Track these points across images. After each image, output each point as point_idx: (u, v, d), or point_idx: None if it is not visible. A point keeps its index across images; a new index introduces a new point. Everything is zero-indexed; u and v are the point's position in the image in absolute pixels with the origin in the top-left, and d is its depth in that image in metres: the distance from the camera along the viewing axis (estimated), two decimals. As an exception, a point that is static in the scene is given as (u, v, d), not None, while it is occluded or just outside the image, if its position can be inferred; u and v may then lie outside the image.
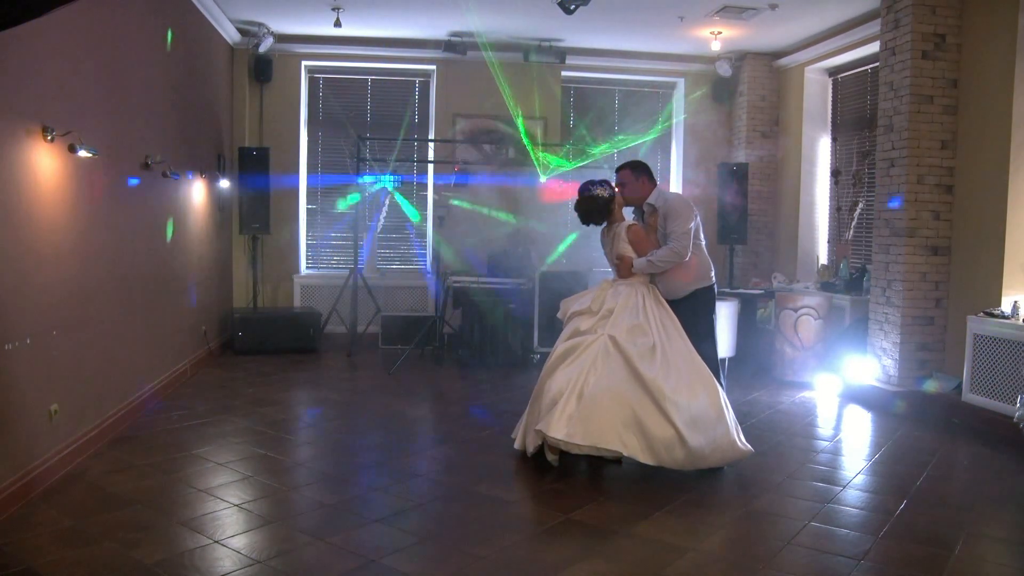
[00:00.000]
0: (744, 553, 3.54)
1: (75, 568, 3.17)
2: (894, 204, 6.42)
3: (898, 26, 6.39)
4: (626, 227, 4.79)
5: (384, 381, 7.07)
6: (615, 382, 4.32)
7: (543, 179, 8.48)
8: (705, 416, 4.33)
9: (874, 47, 7.13)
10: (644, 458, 4.26)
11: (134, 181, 5.42)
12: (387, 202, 8.84)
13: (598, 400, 4.29)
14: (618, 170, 5.02)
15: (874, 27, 7.02)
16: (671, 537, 3.73)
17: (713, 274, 4.94)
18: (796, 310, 7.27)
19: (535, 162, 8.33)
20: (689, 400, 4.32)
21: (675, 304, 4.73)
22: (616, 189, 4.87)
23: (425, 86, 9.23)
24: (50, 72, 4.10)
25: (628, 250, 4.73)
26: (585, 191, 4.80)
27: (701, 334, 4.73)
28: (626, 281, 4.71)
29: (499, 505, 4.05)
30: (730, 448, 4.43)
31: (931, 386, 6.24)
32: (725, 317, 6.67)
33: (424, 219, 9.22)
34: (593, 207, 4.79)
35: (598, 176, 5.14)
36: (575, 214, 4.94)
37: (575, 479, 4.41)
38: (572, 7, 6.48)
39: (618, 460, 4.44)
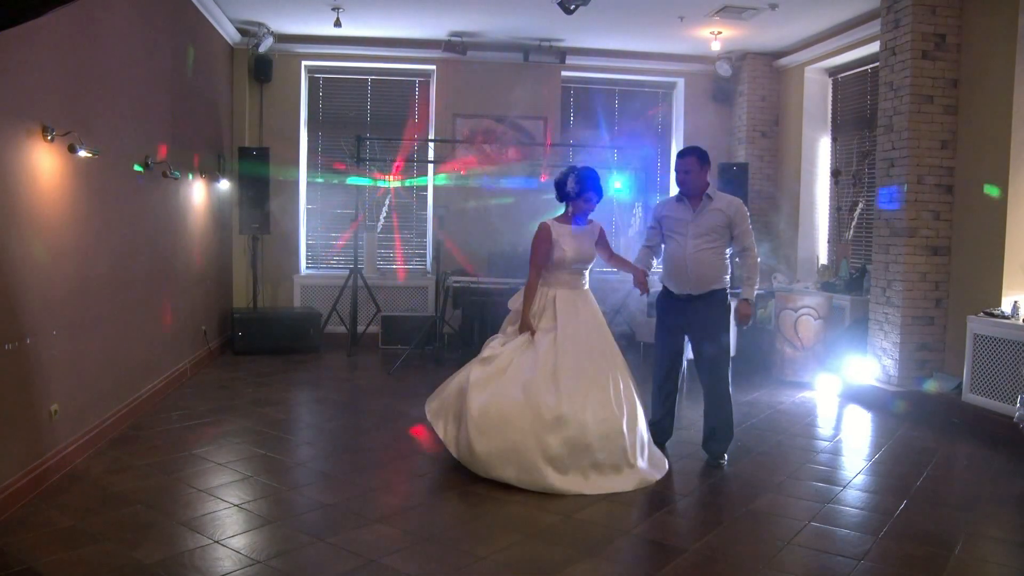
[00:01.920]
0: (744, 553, 3.54)
1: (75, 568, 3.17)
2: (888, 202, 6.43)
3: (898, 26, 6.39)
4: (549, 225, 4.62)
5: (384, 381, 7.07)
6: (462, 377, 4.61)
7: (543, 179, 8.48)
8: (489, 425, 4.30)
9: (874, 47, 7.13)
10: (450, 447, 4.47)
11: (134, 181, 5.42)
12: (388, 202, 8.83)
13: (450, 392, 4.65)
14: (683, 155, 4.82)
15: (874, 27, 7.02)
16: (671, 537, 3.74)
17: (728, 278, 4.92)
18: (796, 310, 7.27)
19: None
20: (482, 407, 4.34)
21: (696, 299, 4.75)
22: (573, 184, 4.59)
23: (425, 86, 9.23)
24: (50, 72, 4.10)
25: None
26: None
27: (718, 332, 4.78)
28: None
29: (499, 505, 4.04)
30: (534, 469, 4.22)
31: (931, 386, 6.24)
32: (725, 317, 6.68)
33: (424, 219, 9.23)
34: (557, 183, 4.70)
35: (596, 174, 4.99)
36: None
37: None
38: (572, 7, 6.48)
39: None
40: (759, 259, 4.85)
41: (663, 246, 4.97)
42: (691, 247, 4.73)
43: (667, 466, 4.60)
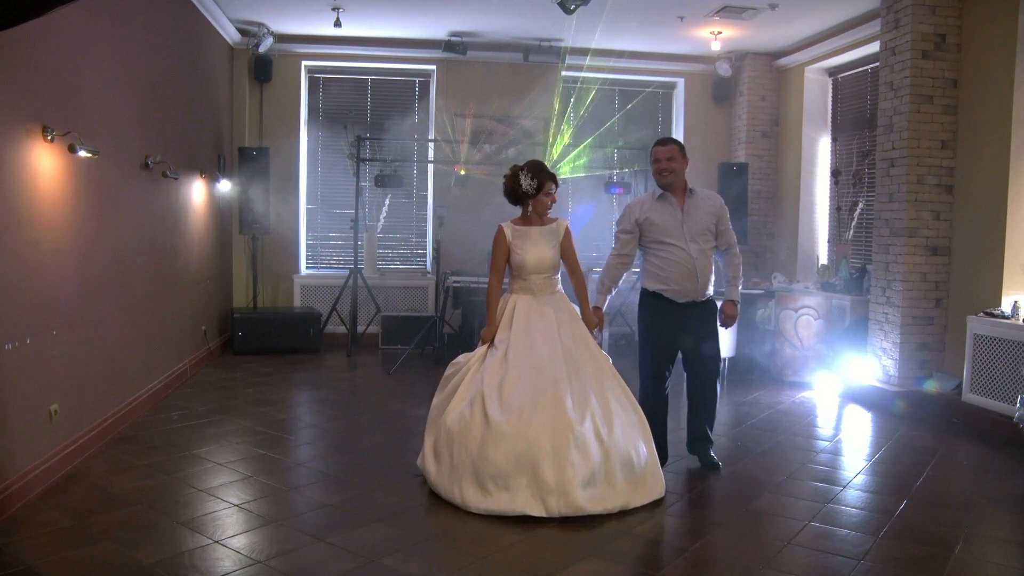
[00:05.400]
0: (744, 553, 3.54)
1: (75, 568, 3.17)
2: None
3: (898, 26, 6.39)
4: (503, 227, 4.36)
5: (384, 381, 7.07)
6: None
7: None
8: (436, 442, 4.17)
9: (874, 47, 7.13)
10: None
11: (134, 181, 5.42)
12: (387, 202, 8.83)
13: None
14: (665, 143, 4.52)
15: (874, 27, 7.02)
16: (671, 537, 3.74)
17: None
18: (796, 310, 7.27)
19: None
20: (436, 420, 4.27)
21: (698, 305, 4.51)
22: (532, 182, 4.26)
23: (425, 86, 9.23)
24: (50, 72, 4.10)
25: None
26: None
27: (715, 334, 4.63)
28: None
29: (499, 505, 4.04)
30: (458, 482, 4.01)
31: (931, 386, 6.24)
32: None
33: (424, 219, 9.24)
34: (509, 187, 4.35)
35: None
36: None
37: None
38: (572, 7, 6.47)
39: None
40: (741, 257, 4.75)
41: (652, 253, 4.53)
42: (695, 251, 4.42)
43: (650, 497, 4.02)
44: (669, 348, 4.59)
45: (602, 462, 3.89)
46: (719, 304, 4.68)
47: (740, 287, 4.69)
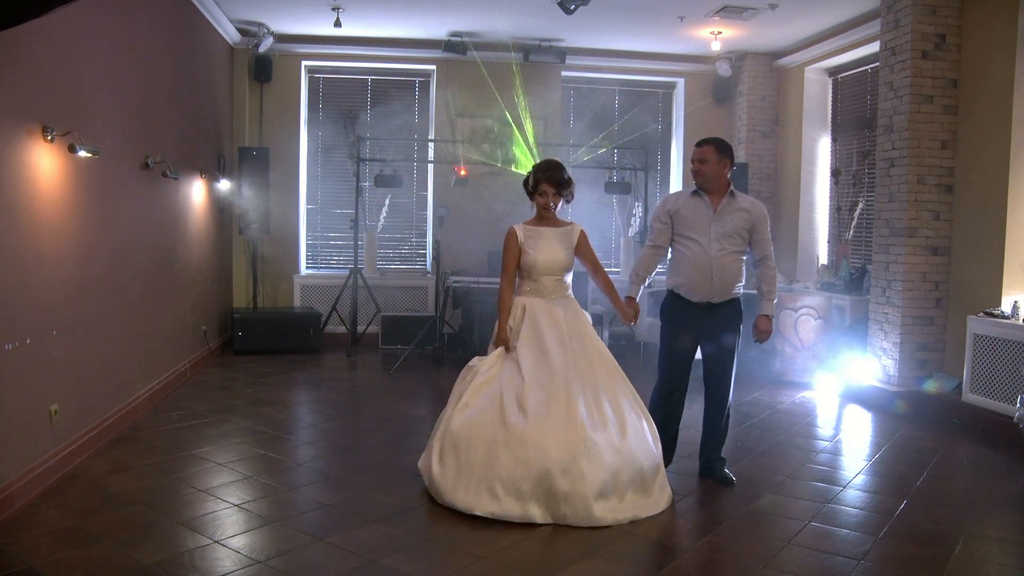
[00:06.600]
0: (744, 553, 3.54)
1: (75, 568, 3.17)
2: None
3: (898, 26, 6.39)
4: (515, 229, 4.29)
5: (384, 381, 7.07)
6: None
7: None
8: (447, 448, 4.03)
9: (874, 47, 7.13)
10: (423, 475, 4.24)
11: (134, 181, 5.42)
12: (387, 202, 8.83)
13: None
14: (700, 144, 4.46)
15: (874, 27, 7.02)
16: (671, 537, 3.74)
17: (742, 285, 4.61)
18: (796, 310, 7.27)
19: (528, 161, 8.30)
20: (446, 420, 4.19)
21: (715, 307, 4.40)
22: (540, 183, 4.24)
23: (425, 86, 9.23)
24: (50, 72, 4.10)
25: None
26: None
27: (734, 341, 4.49)
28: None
29: (499, 505, 4.03)
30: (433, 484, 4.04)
31: (931, 386, 6.24)
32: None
33: (424, 219, 9.24)
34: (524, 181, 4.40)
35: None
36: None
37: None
38: (572, 7, 6.48)
39: None
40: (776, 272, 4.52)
41: (675, 248, 4.48)
42: (715, 250, 4.31)
43: (658, 508, 3.95)
44: (683, 348, 4.48)
45: (614, 473, 3.82)
46: (740, 310, 4.53)
47: (776, 300, 4.51)
